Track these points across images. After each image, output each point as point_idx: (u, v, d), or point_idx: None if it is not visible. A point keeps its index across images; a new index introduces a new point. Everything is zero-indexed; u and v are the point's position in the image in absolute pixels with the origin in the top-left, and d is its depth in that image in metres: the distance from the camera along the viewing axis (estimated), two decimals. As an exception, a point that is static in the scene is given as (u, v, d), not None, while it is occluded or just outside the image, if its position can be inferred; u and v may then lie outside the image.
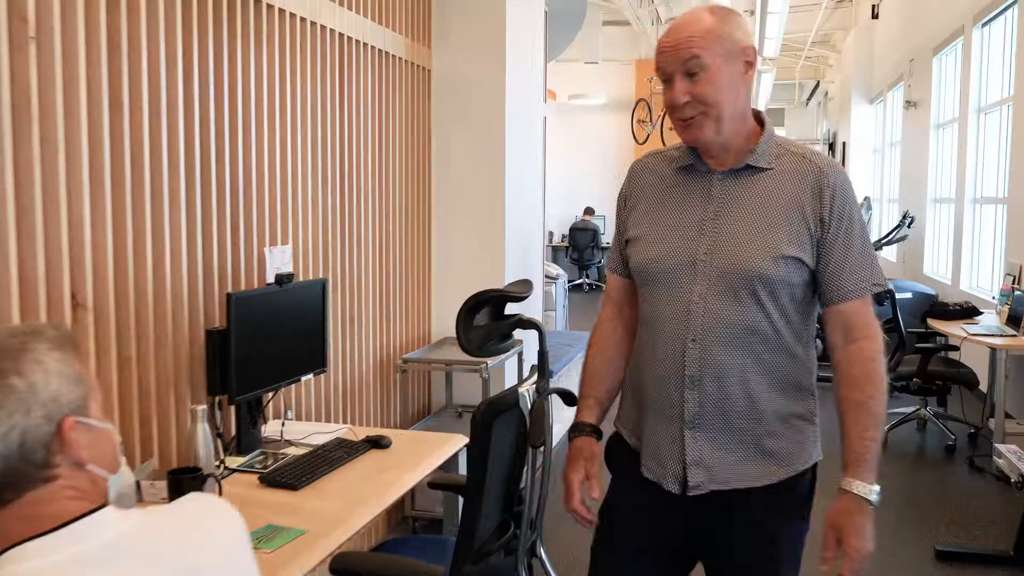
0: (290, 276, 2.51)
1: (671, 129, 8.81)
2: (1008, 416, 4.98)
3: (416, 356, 3.87)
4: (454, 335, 2.02)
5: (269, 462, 2.37)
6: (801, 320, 1.71)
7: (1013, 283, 5.49)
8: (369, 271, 3.57)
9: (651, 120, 11.50)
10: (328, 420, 3.20)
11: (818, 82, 18.80)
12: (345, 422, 3.32)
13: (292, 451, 2.46)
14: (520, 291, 2.04)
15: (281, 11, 2.86)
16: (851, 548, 1.58)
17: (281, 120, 2.88)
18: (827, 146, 16.90)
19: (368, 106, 3.54)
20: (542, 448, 2.06)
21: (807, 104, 20.94)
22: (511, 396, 2.06)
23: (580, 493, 1.77)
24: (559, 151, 13.17)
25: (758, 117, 1.75)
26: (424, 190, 4.16)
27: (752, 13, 12.05)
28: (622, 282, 1.86)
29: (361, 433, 2.64)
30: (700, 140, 1.68)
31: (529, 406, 2.04)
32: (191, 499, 1.13)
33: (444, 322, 4.26)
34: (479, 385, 3.69)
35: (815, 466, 1.74)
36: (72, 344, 1.03)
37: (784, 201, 1.68)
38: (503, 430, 2.02)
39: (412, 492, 3.60)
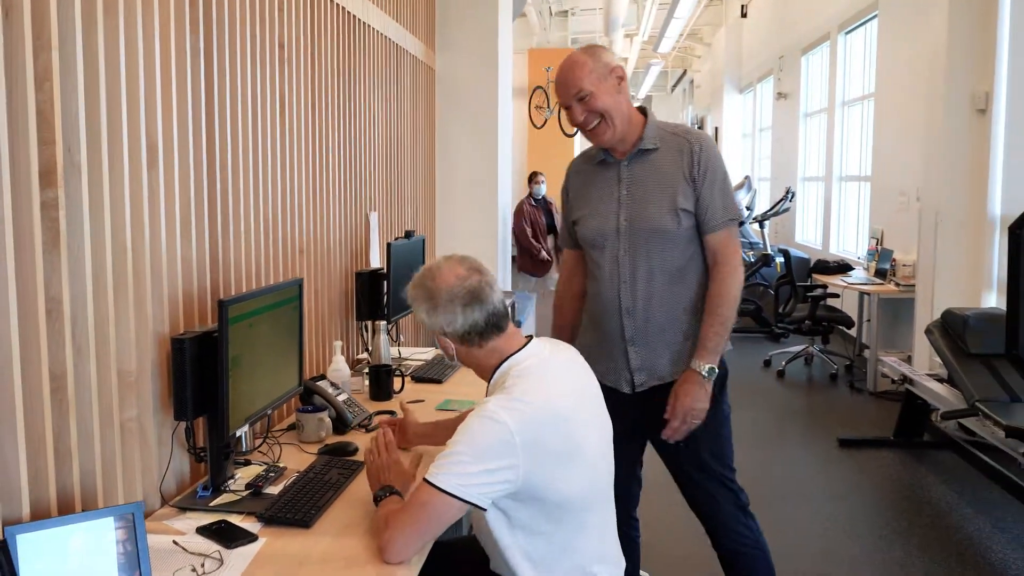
0: (411, 232, 3.36)
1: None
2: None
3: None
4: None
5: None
6: (699, 256, 2.26)
7: (877, 244, 6.85)
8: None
9: (548, 106, 12.45)
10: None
11: (684, 71, 20.36)
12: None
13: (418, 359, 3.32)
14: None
15: (369, 27, 3.66)
16: (678, 403, 2.17)
17: (365, 117, 3.70)
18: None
19: (408, 101, 4.38)
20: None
21: (672, 91, 22.58)
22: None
23: None
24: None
25: (643, 111, 2.30)
26: (431, 170, 5.02)
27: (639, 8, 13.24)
28: (572, 253, 2.46)
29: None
30: (604, 141, 2.25)
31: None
32: (553, 341, 1.97)
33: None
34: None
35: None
36: None
37: (671, 169, 2.22)
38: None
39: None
